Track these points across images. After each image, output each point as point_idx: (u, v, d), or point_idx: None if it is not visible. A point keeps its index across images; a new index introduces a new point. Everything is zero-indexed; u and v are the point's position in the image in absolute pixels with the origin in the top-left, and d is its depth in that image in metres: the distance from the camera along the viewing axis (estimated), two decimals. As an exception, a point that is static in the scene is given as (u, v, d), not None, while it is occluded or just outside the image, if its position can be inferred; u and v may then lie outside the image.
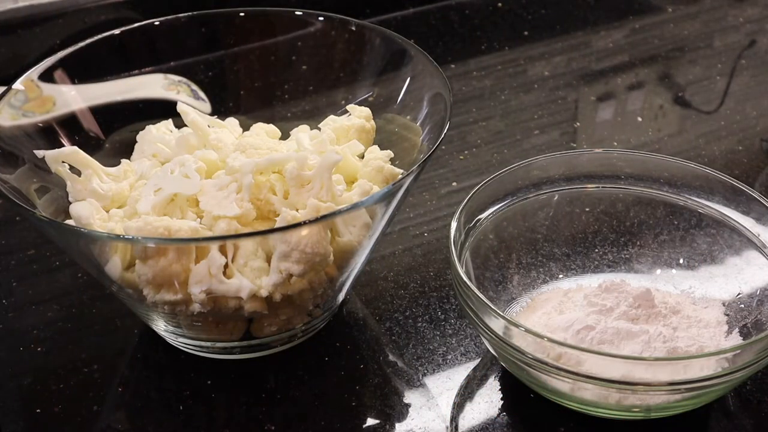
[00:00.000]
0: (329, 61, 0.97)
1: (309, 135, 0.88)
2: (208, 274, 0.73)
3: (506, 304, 0.85)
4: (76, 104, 0.91)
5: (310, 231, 0.72)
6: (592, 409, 0.74)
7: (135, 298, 0.77)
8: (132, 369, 0.83)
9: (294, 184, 0.78)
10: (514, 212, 0.87)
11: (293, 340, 0.83)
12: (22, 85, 0.86)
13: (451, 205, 1.01)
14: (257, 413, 0.78)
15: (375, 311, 0.87)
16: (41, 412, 0.78)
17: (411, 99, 0.90)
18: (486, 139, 1.12)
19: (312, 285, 0.77)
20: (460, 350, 0.83)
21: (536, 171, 0.88)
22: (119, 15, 1.21)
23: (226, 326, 0.79)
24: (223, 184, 0.78)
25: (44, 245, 0.95)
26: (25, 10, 1.19)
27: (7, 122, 0.84)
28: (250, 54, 1.01)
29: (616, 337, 0.75)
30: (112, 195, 0.81)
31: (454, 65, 1.25)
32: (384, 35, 0.92)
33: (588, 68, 1.26)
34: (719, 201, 0.86)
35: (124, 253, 0.76)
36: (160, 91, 0.98)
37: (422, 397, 0.79)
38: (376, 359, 0.83)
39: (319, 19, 0.95)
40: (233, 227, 0.76)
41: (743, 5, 1.44)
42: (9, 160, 0.81)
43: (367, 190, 0.78)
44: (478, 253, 0.84)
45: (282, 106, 0.99)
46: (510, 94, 1.20)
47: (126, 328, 0.86)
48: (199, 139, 0.86)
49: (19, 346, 0.85)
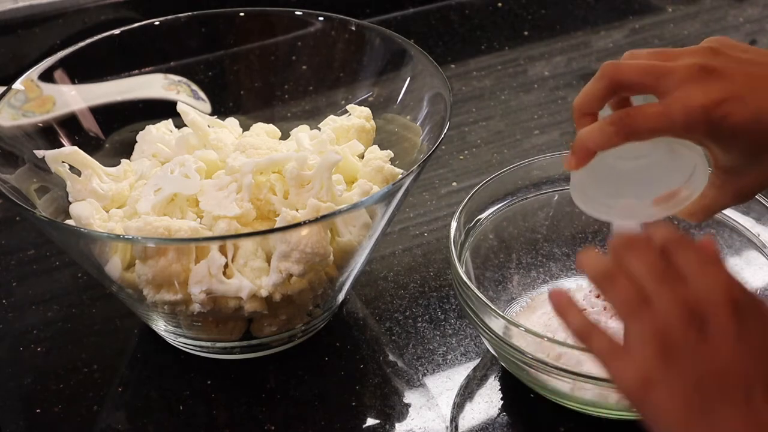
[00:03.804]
0: (329, 61, 0.97)
1: (309, 135, 0.88)
2: (208, 274, 0.73)
3: (506, 304, 0.85)
4: (76, 104, 0.91)
5: (310, 231, 0.72)
6: (592, 409, 0.74)
7: (135, 298, 0.77)
8: (132, 369, 0.83)
9: (294, 184, 0.78)
10: (514, 212, 0.87)
11: (293, 340, 0.83)
12: (22, 85, 0.86)
13: (451, 205, 1.00)
14: (257, 413, 0.78)
15: (375, 311, 0.87)
16: (41, 412, 0.78)
17: (411, 99, 0.90)
18: (486, 139, 1.12)
19: (312, 285, 0.77)
20: (460, 350, 0.83)
21: (536, 171, 0.88)
22: (119, 15, 1.21)
23: (226, 326, 0.79)
24: (223, 184, 0.78)
25: (44, 245, 0.95)
26: (25, 10, 1.19)
27: (7, 122, 0.84)
28: (250, 54, 1.01)
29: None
30: (112, 195, 0.81)
31: (454, 65, 1.25)
32: (384, 35, 0.92)
33: (588, 68, 1.26)
34: (719, 201, 0.86)
35: (124, 253, 0.76)
36: (160, 91, 0.98)
37: (422, 397, 0.79)
38: (376, 359, 0.83)
39: (319, 19, 0.95)
40: (233, 227, 0.76)
41: (743, 5, 1.44)
42: (9, 160, 0.81)
43: (367, 190, 0.78)
44: (478, 253, 0.84)
45: (282, 106, 0.99)
46: (510, 94, 1.20)
47: (126, 328, 0.86)
48: (199, 139, 0.86)
49: (19, 346, 0.85)
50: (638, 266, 0.53)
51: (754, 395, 0.48)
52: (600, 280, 0.54)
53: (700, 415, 0.48)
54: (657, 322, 0.50)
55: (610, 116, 0.61)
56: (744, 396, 0.48)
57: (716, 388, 0.48)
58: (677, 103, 0.59)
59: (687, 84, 0.59)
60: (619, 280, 0.53)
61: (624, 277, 0.53)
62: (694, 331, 0.49)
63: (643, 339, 0.51)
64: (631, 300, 0.52)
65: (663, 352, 0.50)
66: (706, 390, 0.48)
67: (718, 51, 0.62)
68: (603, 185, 0.63)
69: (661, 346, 0.50)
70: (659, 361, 0.50)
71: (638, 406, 0.51)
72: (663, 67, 0.61)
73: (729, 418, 0.48)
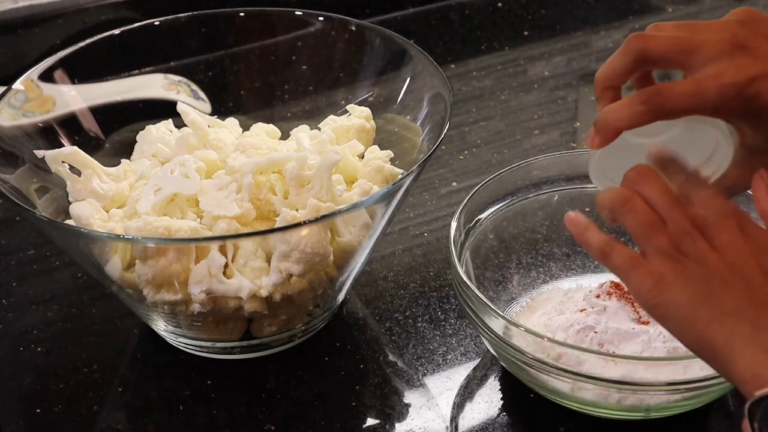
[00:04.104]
0: (329, 61, 0.97)
1: (309, 135, 0.88)
2: (208, 274, 0.73)
3: (506, 304, 0.85)
4: (76, 104, 0.91)
5: (310, 231, 0.72)
6: (592, 409, 0.74)
7: (135, 298, 0.77)
8: (132, 369, 0.83)
9: (294, 184, 0.77)
10: (514, 212, 0.87)
11: (293, 340, 0.83)
12: (22, 85, 0.86)
13: (451, 205, 1.00)
14: (257, 413, 0.78)
15: (375, 311, 0.87)
16: (41, 412, 0.78)
17: (411, 99, 0.90)
18: (486, 139, 1.12)
19: (312, 285, 0.77)
20: (460, 350, 0.83)
21: (536, 171, 0.88)
22: (119, 15, 1.21)
23: (226, 326, 0.79)
24: (223, 184, 0.78)
25: (44, 245, 0.95)
26: (25, 10, 1.19)
27: (7, 122, 0.84)
28: (250, 54, 1.01)
29: (616, 337, 0.75)
30: (112, 195, 0.81)
31: (454, 65, 1.25)
32: (384, 35, 0.92)
33: (588, 68, 1.26)
34: (719, 201, 0.86)
35: (124, 253, 0.76)
36: (160, 91, 0.98)
37: (422, 397, 0.79)
38: (376, 359, 0.83)
39: (319, 19, 0.95)
40: (233, 227, 0.76)
41: (743, 5, 1.44)
42: (9, 160, 0.81)
43: (367, 190, 0.78)
44: (478, 253, 0.84)
45: (282, 106, 0.99)
46: (510, 94, 1.20)
47: (126, 328, 0.86)
48: (199, 139, 0.86)
49: (19, 346, 0.85)
50: (651, 192, 0.58)
51: (755, 284, 0.54)
52: (618, 207, 0.58)
53: (707, 301, 0.54)
54: (671, 237, 0.56)
55: (639, 94, 0.59)
56: (745, 284, 0.54)
57: (721, 281, 0.54)
58: (710, 81, 0.58)
59: (718, 60, 0.58)
60: (635, 204, 0.57)
61: (640, 202, 0.57)
62: (703, 242, 0.56)
63: (658, 252, 0.56)
64: (648, 222, 0.57)
65: (676, 261, 0.55)
66: (713, 282, 0.54)
67: (746, 24, 0.60)
68: (621, 164, 0.61)
69: (674, 257, 0.56)
70: (672, 266, 0.55)
71: (653, 309, 0.56)
72: (692, 42, 0.59)
73: (731, 299, 0.54)
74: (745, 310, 0.53)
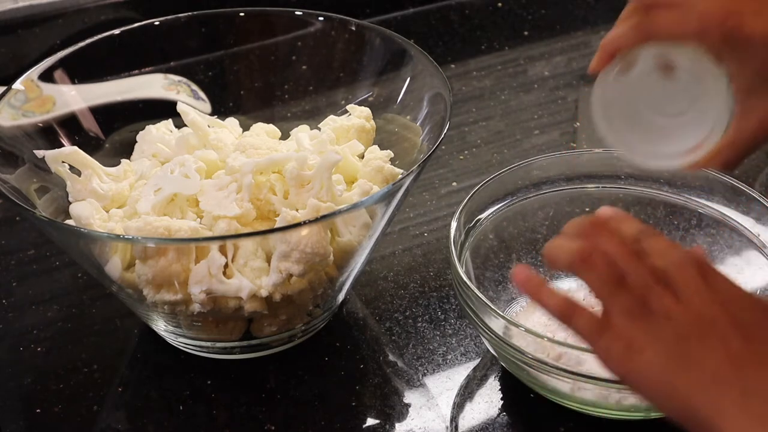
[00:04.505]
0: (329, 61, 0.97)
1: (309, 135, 0.88)
2: (208, 274, 0.73)
3: (506, 304, 0.85)
4: (76, 104, 0.91)
5: (310, 231, 0.72)
6: (592, 409, 0.74)
7: (135, 298, 0.77)
8: (132, 369, 0.83)
9: (294, 184, 0.78)
10: (514, 212, 0.87)
11: (293, 340, 0.83)
12: (22, 85, 0.86)
13: (451, 205, 1.00)
14: (257, 413, 0.78)
15: (375, 311, 0.87)
16: (41, 412, 0.78)
17: (411, 99, 0.90)
18: (486, 139, 1.12)
19: (312, 285, 0.77)
20: (460, 350, 0.83)
21: (536, 171, 0.88)
22: (119, 15, 1.21)
23: (226, 326, 0.79)
24: (223, 184, 0.78)
25: (44, 245, 0.95)
26: (25, 10, 1.19)
27: (7, 122, 0.84)
28: (250, 54, 1.01)
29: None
30: (112, 195, 0.81)
31: (454, 65, 1.25)
32: (384, 35, 0.92)
33: (588, 68, 1.26)
34: (719, 201, 0.86)
35: (124, 253, 0.76)
36: (160, 91, 0.98)
37: (422, 397, 0.79)
38: (376, 359, 0.83)
39: (319, 19, 0.95)
40: (233, 227, 0.76)
41: None
42: (9, 160, 0.81)
43: (367, 190, 0.78)
44: (478, 253, 0.84)
45: (282, 106, 0.99)
46: (510, 94, 1.20)
47: (126, 328, 0.86)
48: (199, 139, 0.86)
49: (19, 346, 0.85)
50: (610, 246, 0.57)
51: (729, 337, 0.52)
52: (578, 263, 0.57)
53: (685, 366, 0.52)
54: (634, 294, 0.55)
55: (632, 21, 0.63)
56: (720, 339, 0.52)
57: (695, 339, 0.52)
58: (693, 11, 0.61)
59: None
60: (595, 260, 0.56)
61: (600, 258, 0.56)
62: (668, 296, 0.54)
63: (623, 312, 0.54)
64: (610, 279, 0.55)
65: (643, 320, 0.54)
66: (686, 342, 0.52)
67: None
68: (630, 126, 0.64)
69: (640, 315, 0.54)
70: (640, 329, 0.54)
71: (625, 377, 0.54)
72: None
73: (710, 361, 0.52)
74: (728, 375, 0.51)
